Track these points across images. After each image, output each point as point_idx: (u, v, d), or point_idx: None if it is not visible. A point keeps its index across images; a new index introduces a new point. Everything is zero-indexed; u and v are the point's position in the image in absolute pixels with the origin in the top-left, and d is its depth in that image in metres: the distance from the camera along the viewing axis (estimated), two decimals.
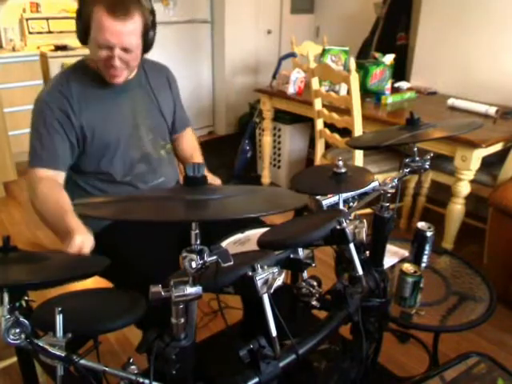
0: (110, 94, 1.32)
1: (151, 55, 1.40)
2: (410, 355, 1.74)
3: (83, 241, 1.05)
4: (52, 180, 1.24)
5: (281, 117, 3.18)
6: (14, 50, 3.42)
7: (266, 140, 3.18)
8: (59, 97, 1.25)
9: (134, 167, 1.38)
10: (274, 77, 3.09)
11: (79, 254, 1.03)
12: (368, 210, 1.24)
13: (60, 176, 1.27)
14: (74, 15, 1.23)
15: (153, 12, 1.27)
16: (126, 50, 1.20)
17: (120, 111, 1.34)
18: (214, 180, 1.50)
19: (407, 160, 1.19)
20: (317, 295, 0.97)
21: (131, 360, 0.74)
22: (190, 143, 1.62)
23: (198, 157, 1.59)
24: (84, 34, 1.21)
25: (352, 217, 1.00)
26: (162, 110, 1.42)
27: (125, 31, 1.16)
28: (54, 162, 1.25)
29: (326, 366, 1.20)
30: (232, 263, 0.68)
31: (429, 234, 1.38)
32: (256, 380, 0.76)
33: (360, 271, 0.96)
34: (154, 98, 1.40)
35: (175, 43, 3.97)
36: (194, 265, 0.66)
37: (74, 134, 1.28)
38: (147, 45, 1.29)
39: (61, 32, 3.72)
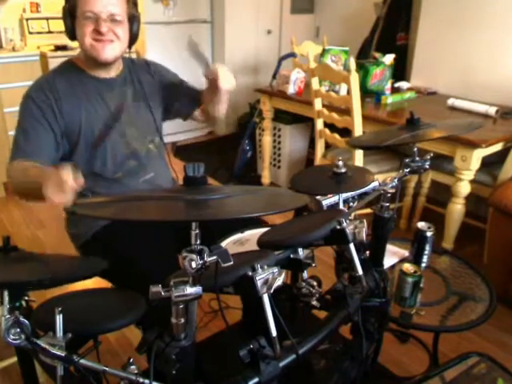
0: (96, 92, 1.33)
1: (152, 55, 1.40)
2: (410, 355, 1.74)
3: (64, 168, 0.91)
4: None
5: (281, 117, 3.18)
6: (14, 49, 3.42)
7: (266, 140, 3.18)
8: (44, 93, 1.27)
9: (123, 164, 1.38)
10: (274, 77, 3.09)
11: (64, 183, 0.90)
12: (368, 210, 1.24)
13: None
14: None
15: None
16: (112, 19, 1.23)
17: (106, 108, 1.34)
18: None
19: (407, 160, 1.19)
20: (317, 295, 0.97)
21: (131, 360, 0.74)
22: None
23: None
24: (71, 23, 1.24)
25: (352, 217, 1.00)
26: (150, 104, 1.42)
27: (109, 0, 1.22)
28: (36, 154, 1.23)
29: (325, 366, 1.20)
30: (232, 263, 0.68)
31: (429, 234, 1.38)
32: (256, 380, 0.76)
33: (360, 271, 0.96)
34: (143, 93, 1.41)
35: (175, 43, 3.97)
36: (193, 265, 0.66)
37: (58, 127, 1.27)
38: (134, 25, 1.31)
39: (61, 32, 3.69)
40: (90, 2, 1.20)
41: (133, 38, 1.33)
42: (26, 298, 0.83)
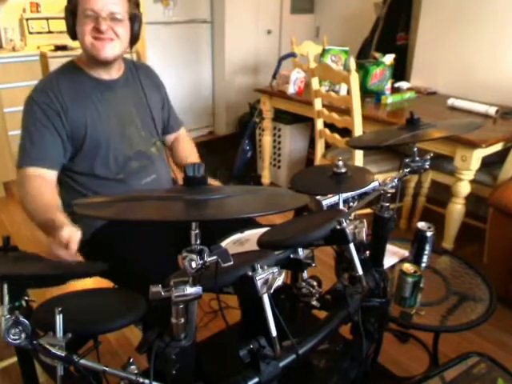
0: (99, 93, 1.33)
1: (152, 54, 1.41)
2: (410, 355, 1.74)
3: (71, 232, 1.02)
4: (42, 178, 1.23)
5: (281, 117, 3.18)
6: (14, 49, 3.42)
7: (266, 140, 3.18)
8: (49, 95, 1.26)
9: (126, 165, 1.38)
10: (274, 77, 3.09)
11: (67, 246, 0.99)
12: (368, 210, 1.24)
13: (50, 174, 1.26)
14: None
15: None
16: (112, 18, 1.23)
17: (109, 109, 1.34)
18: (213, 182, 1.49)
19: (407, 160, 1.19)
20: (317, 295, 0.97)
21: (131, 360, 0.74)
22: (186, 146, 1.63)
23: (195, 159, 1.59)
24: (72, 22, 1.25)
25: (352, 217, 1.00)
26: (150, 106, 1.42)
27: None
28: (43, 160, 1.24)
29: (325, 366, 1.20)
30: (232, 263, 0.68)
31: (429, 234, 1.38)
32: (256, 380, 0.76)
33: (360, 271, 0.96)
34: (143, 94, 1.41)
35: (175, 43, 3.97)
36: (193, 265, 0.66)
37: (65, 131, 1.28)
38: (135, 25, 1.31)
39: (61, 32, 3.71)
40: (90, 0, 1.20)
41: (134, 38, 1.33)
42: (26, 297, 0.83)
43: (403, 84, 2.93)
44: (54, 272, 0.79)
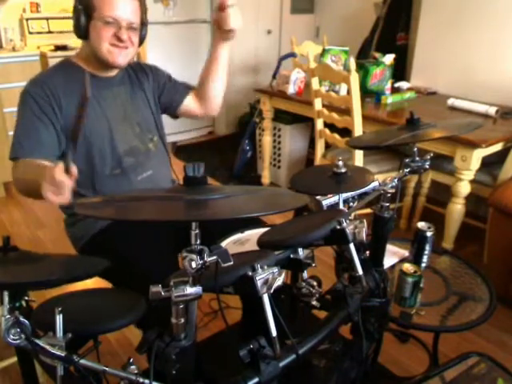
0: (94, 89, 1.33)
1: (152, 55, 1.41)
2: (410, 355, 1.74)
3: (58, 168, 0.93)
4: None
5: (281, 117, 3.18)
6: (14, 50, 3.42)
7: (266, 140, 3.18)
8: (43, 88, 1.26)
9: (122, 160, 1.38)
10: (274, 77, 3.10)
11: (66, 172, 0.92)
12: (368, 210, 1.24)
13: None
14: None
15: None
16: (130, 27, 1.26)
17: (104, 106, 1.35)
18: None
19: (407, 160, 1.19)
20: (317, 295, 0.97)
21: (131, 360, 0.74)
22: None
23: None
24: (86, 23, 1.24)
25: (352, 217, 1.00)
26: (149, 102, 1.44)
27: (130, 8, 1.25)
28: (39, 151, 1.24)
29: (325, 366, 1.20)
30: (232, 263, 0.68)
31: (429, 234, 1.38)
32: (256, 380, 0.76)
33: (360, 271, 0.96)
34: (141, 91, 1.43)
35: (175, 43, 3.97)
36: (193, 265, 0.66)
37: (59, 123, 1.28)
38: (143, 31, 1.35)
39: (61, 32, 3.71)
40: (113, 8, 1.22)
41: (139, 43, 1.36)
42: (26, 298, 0.83)
43: (403, 84, 2.93)
44: (54, 277, 0.79)
